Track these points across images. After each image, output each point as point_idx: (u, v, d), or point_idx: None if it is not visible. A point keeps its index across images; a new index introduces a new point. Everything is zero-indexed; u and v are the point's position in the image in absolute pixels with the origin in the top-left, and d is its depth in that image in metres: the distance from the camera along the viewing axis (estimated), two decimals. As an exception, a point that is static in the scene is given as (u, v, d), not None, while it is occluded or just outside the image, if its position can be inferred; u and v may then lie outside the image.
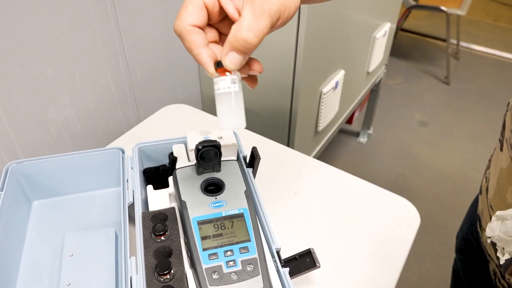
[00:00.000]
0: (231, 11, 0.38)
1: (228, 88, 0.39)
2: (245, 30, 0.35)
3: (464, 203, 1.79)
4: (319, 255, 0.55)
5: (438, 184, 1.91)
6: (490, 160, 0.62)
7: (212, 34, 0.41)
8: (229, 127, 0.40)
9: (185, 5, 0.38)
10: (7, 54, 0.66)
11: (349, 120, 2.22)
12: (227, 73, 0.39)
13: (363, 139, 2.12)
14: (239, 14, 0.37)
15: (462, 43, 3.09)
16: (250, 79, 0.44)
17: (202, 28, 0.38)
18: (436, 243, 1.64)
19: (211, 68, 0.38)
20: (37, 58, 0.71)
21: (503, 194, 0.52)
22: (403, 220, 0.67)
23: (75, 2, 0.73)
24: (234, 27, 0.36)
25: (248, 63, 0.41)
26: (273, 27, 0.37)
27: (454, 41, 3.00)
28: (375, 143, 2.14)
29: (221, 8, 0.39)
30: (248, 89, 1.26)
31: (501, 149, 0.54)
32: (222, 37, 0.42)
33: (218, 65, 0.38)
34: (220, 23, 0.41)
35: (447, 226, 1.70)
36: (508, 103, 0.54)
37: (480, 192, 0.64)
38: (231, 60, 0.37)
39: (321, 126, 1.24)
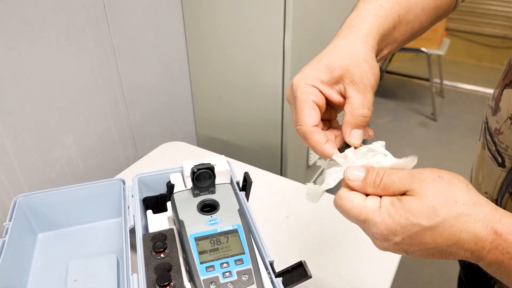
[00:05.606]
0: (335, 98, 0.43)
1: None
2: (359, 108, 0.40)
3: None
4: (312, 269, 0.58)
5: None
6: None
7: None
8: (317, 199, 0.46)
9: (300, 108, 0.41)
10: (18, 97, 0.72)
11: (342, 158, 2.27)
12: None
13: (357, 175, 2.17)
14: (343, 97, 0.42)
15: (447, 82, 3.22)
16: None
17: (317, 125, 0.41)
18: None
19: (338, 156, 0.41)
20: (45, 101, 0.77)
21: (477, 177, 0.58)
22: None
23: (79, 50, 0.81)
24: (347, 108, 0.41)
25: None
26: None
27: (437, 80, 3.14)
28: (369, 179, 2.18)
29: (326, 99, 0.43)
30: (239, 124, 1.31)
31: (480, 139, 0.61)
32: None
33: (342, 149, 0.42)
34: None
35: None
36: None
37: None
38: (355, 136, 0.41)
39: (312, 160, 1.29)
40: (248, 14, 0.98)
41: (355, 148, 0.42)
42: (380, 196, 0.37)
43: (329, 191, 0.46)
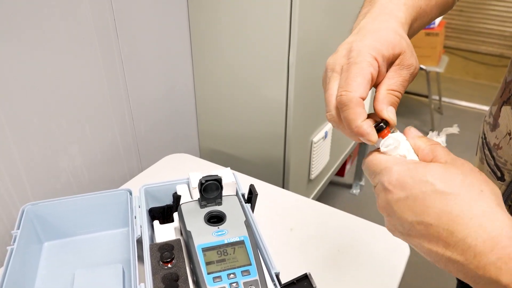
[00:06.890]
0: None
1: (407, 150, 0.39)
2: (396, 88, 0.40)
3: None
4: (316, 282, 0.58)
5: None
6: None
7: None
8: None
9: (355, 74, 0.38)
10: (26, 107, 0.73)
11: (341, 173, 2.28)
12: (389, 133, 0.40)
13: (355, 190, 2.17)
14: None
15: (445, 99, 3.25)
16: None
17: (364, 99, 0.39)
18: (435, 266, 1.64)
19: (374, 136, 0.38)
20: (52, 111, 0.78)
21: None
22: (394, 250, 0.71)
23: (88, 62, 0.82)
24: (383, 85, 0.40)
25: None
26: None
27: (436, 97, 3.17)
28: (368, 194, 2.19)
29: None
30: (242, 137, 1.32)
31: (476, 154, 0.62)
32: None
33: (378, 130, 0.39)
34: None
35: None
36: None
37: None
38: (392, 112, 0.40)
39: (314, 174, 1.30)
40: (254, 30, 1.00)
41: (391, 124, 0.40)
42: None
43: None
